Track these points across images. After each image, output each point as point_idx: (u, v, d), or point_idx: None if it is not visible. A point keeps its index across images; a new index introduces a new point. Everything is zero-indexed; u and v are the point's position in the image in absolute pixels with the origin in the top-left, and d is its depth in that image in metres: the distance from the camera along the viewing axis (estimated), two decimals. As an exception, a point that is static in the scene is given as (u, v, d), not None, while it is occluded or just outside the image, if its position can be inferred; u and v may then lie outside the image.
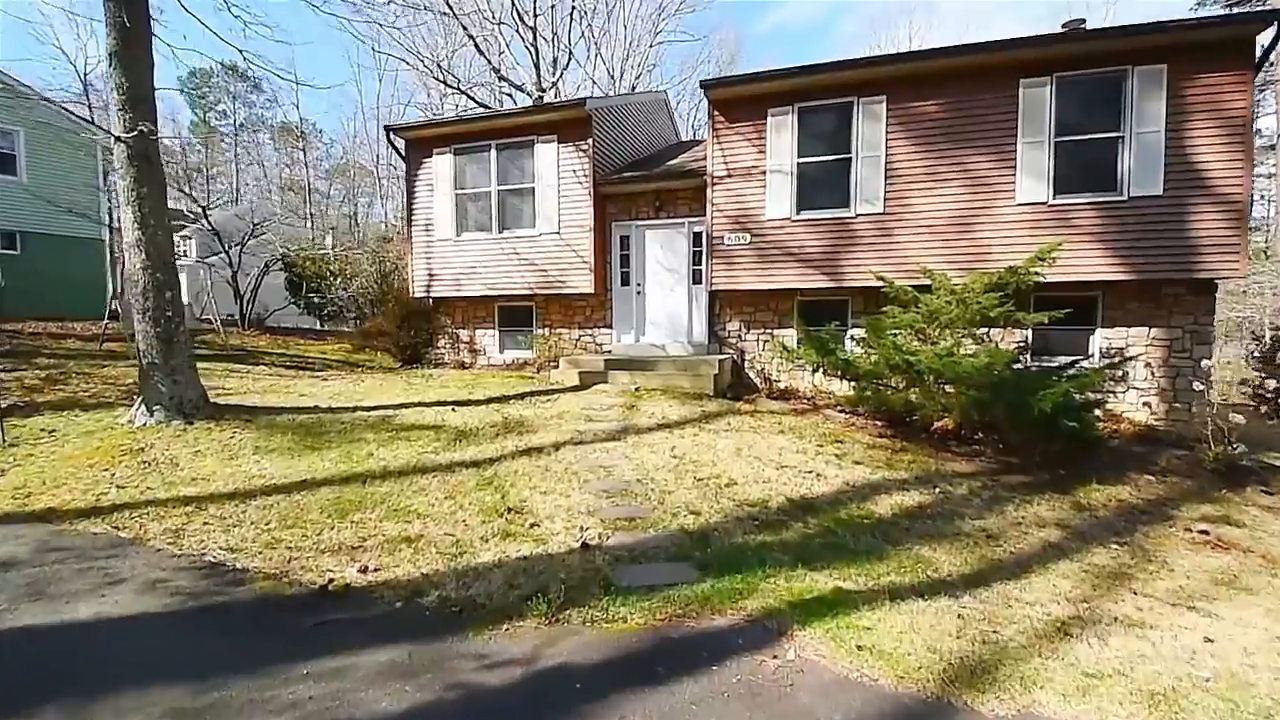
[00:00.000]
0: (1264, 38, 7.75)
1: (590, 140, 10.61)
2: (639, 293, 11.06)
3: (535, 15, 24.37)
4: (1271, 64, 15.14)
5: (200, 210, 18.97)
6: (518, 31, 24.70)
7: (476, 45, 25.37)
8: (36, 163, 16.24)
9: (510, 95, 25.28)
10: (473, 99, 25.92)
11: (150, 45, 6.91)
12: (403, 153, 12.01)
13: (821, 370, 8.15)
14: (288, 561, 3.94)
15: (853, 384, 7.92)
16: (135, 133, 6.52)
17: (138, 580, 3.68)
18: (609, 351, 11.08)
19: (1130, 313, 8.70)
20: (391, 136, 11.97)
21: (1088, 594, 4.11)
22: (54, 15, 37.14)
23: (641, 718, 2.57)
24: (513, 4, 23.92)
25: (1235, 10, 17.38)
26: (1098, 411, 7.59)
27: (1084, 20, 9.23)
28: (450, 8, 24.12)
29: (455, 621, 3.25)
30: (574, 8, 25.50)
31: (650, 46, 29.12)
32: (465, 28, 24.87)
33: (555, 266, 11.01)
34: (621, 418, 7.54)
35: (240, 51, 8.48)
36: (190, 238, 26.37)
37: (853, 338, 9.14)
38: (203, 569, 3.84)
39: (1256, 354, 13.24)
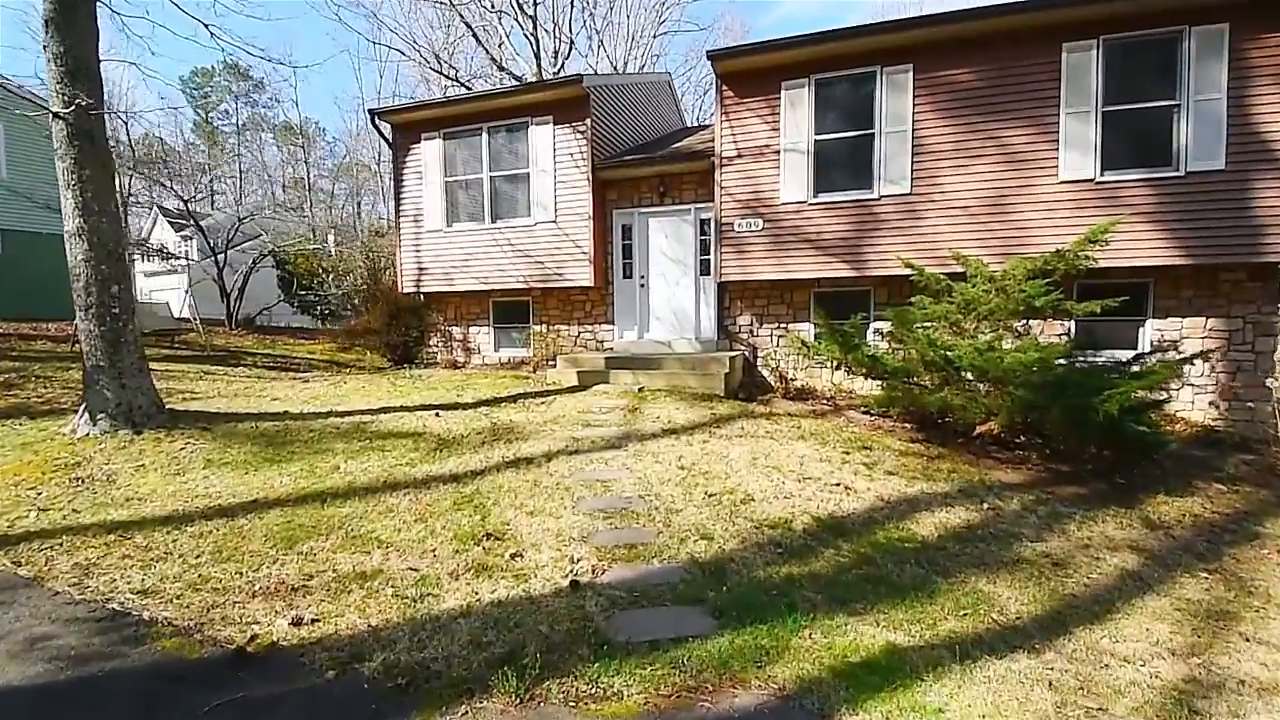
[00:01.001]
0: (1342, -10, 6.91)
1: (588, 121, 9.83)
2: (642, 285, 10.29)
3: (535, 4, 23.61)
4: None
5: (184, 204, 18.30)
6: (517, 21, 23.96)
7: (476, 36, 24.68)
8: (16, 157, 15.59)
9: (510, 86, 24.51)
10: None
11: (94, 12, 6.21)
12: (389, 139, 11.26)
13: (844, 368, 7.35)
14: (208, 609, 3.20)
15: (879, 383, 7.14)
16: (74, 107, 5.81)
17: (15, 638, 2.95)
18: (610, 349, 10.32)
19: (1185, 301, 7.89)
20: (377, 121, 11.21)
21: (1193, 642, 3.33)
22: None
23: None
24: (511, -9, 23.18)
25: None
26: (1151, 413, 6.79)
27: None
28: (448, -3, 23.44)
29: (400, 700, 2.50)
30: (574, -4, 24.72)
31: (654, 36, 28.31)
32: (463, 18, 24.15)
33: (552, 258, 10.24)
34: (623, 422, 6.79)
35: (206, 26, 7.75)
36: (191, 238, 25.78)
37: (877, 331, 8.35)
38: (101, 620, 3.11)
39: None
